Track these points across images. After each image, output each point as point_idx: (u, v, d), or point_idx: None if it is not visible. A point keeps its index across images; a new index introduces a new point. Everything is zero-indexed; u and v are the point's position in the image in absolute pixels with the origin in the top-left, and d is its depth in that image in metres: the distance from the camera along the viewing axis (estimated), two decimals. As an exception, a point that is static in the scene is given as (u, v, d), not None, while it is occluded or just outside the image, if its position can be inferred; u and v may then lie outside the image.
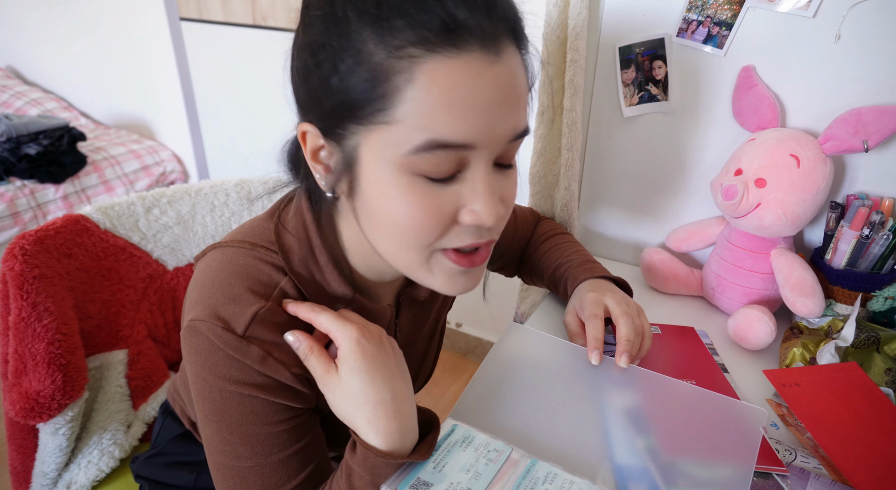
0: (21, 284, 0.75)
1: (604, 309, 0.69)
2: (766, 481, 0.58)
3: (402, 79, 0.41)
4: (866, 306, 0.81)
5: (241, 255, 0.53)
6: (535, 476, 0.53)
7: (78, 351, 0.80)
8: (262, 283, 0.52)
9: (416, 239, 0.47)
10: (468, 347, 1.97)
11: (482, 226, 0.47)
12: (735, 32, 0.86)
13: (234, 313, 0.49)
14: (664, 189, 1.03)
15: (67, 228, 0.81)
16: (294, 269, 0.54)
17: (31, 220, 1.88)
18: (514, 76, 0.45)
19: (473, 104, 0.42)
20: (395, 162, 0.44)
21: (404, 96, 0.41)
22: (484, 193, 0.46)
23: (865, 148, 0.79)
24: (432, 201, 0.45)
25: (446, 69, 0.41)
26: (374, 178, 0.46)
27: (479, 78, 0.42)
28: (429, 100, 0.41)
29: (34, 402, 0.75)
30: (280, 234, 0.55)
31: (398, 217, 0.46)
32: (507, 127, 0.45)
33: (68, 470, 0.84)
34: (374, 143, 0.44)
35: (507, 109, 0.44)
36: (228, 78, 2.01)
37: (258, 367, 0.49)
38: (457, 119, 0.42)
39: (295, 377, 0.51)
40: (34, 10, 2.38)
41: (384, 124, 0.43)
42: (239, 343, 0.49)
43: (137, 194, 0.90)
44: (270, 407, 0.51)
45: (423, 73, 0.40)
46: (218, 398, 0.50)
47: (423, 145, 0.42)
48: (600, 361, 0.66)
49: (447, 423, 0.59)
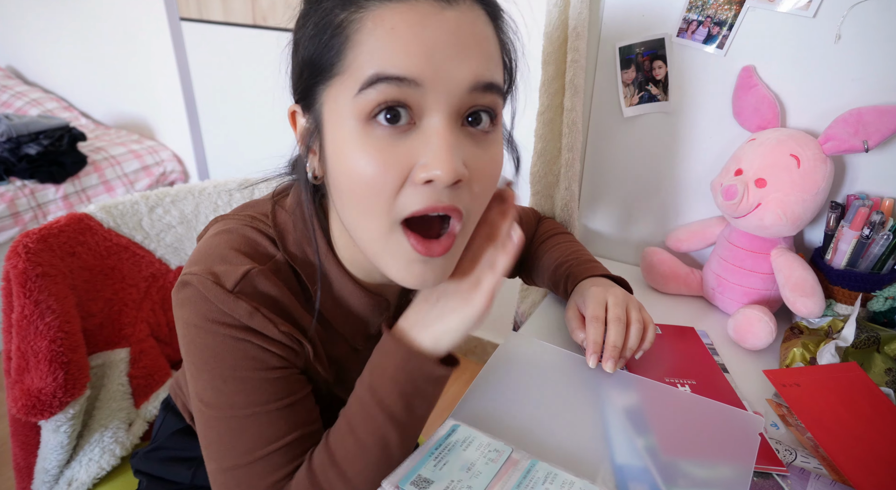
0: (24, 282, 0.75)
1: (605, 308, 0.70)
2: (766, 481, 0.58)
3: (352, 28, 0.43)
4: (866, 306, 0.81)
5: (238, 226, 0.55)
6: (535, 476, 0.53)
7: (80, 349, 0.81)
8: (259, 252, 0.54)
9: (373, 197, 0.45)
10: (468, 347, 1.97)
11: (437, 182, 0.44)
12: (735, 32, 0.86)
13: (225, 271, 0.50)
14: (664, 189, 1.03)
15: (71, 227, 0.82)
16: (288, 249, 0.55)
17: (31, 220, 1.88)
18: (470, 24, 0.44)
19: (416, 41, 0.42)
20: (349, 109, 0.45)
21: (353, 43, 0.44)
22: (437, 145, 0.43)
23: (865, 148, 0.79)
24: (387, 151, 0.44)
25: (391, 12, 0.43)
26: (334, 135, 0.46)
27: (425, 18, 0.43)
28: (373, 40, 0.43)
29: (36, 400, 0.76)
30: (277, 213, 0.57)
31: (355, 172, 0.45)
32: (463, 72, 0.44)
33: (70, 467, 0.84)
34: (332, 98, 0.46)
35: (458, 53, 0.43)
36: (228, 78, 2.01)
37: (246, 322, 0.50)
38: (398, 53, 0.42)
39: (283, 334, 0.52)
40: (34, 10, 2.38)
41: (339, 75, 0.45)
42: (227, 297, 0.49)
43: (141, 194, 0.90)
44: (264, 353, 0.51)
45: (370, 18, 0.43)
46: (211, 342, 0.50)
47: (366, 81, 0.43)
48: (596, 365, 0.67)
49: (448, 423, 0.59)
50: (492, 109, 0.47)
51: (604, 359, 0.67)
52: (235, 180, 0.99)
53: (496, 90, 0.46)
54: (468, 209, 0.48)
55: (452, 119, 0.45)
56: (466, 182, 0.46)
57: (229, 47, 1.94)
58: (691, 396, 0.66)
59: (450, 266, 0.51)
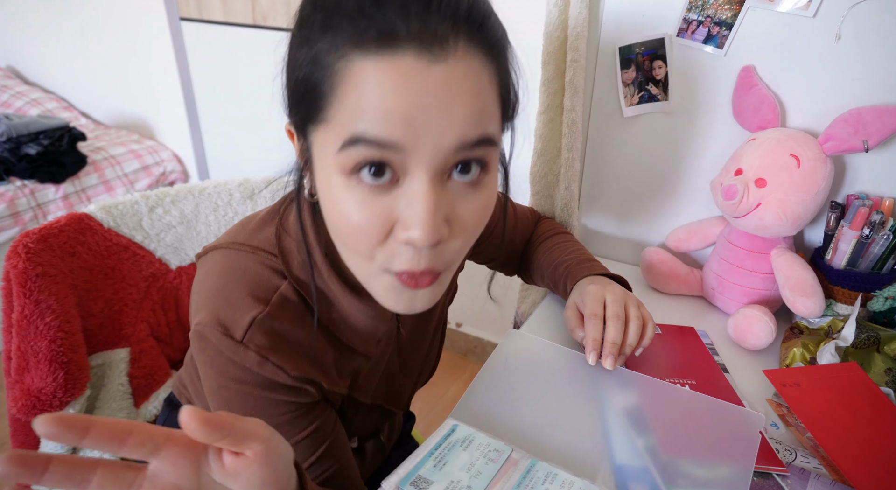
0: (24, 282, 0.75)
1: (603, 306, 0.70)
2: (766, 481, 0.58)
3: (337, 79, 0.42)
4: (866, 306, 0.81)
5: (242, 258, 0.54)
6: (535, 476, 0.53)
7: (80, 349, 0.81)
8: (262, 288, 0.53)
9: (358, 242, 0.46)
10: (468, 347, 1.97)
11: (414, 245, 0.43)
12: (735, 32, 0.86)
13: (233, 319, 0.51)
14: (664, 189, 1.03)
15: (71, 227, 0.82)
16: (293, 274, 0.54)
17: (31, 220, 1.88)
18: (461, 78, 0.41)
19: (398, 103, 0.40)
20: (332, 161, 0.44)
21: (337, 95, 0.42)
22: (418, 208, 0.42)
23: (865, 148, 0.79)
24: (370, 205, 0.43)
25: (373, 69, 0.40)
26: (321, 178, 0.46)
27: (409, 79, 0.40)
28: (354, 98, 0.41)
29: (36, 400, 0.76)
30: (281, 237, 0.56)
31: (339, 223, 0.46)
32: (447, 134, 0.41)
33: None
34: (320, 142, 0.45)
35: (443, 115, 0.41)
36: (228, 78, 2.01)
37: (257, 370, 0.51)
38: (378, 116, 0.41)
39: (294, 379, 0.53)
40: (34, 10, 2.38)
41: (323, 122, 0.44)
42: (237, 348, 0.50)
43: (141, 193, 0.90)
44: (271, 403, 0.53)
45: (353, 73, 0.41)
46: (225, 395, 0.53)
47: (346, 141, 0.42)
48: (597, 362, 0.67)
49: (448, 423, 0.59)
50: (482, 159, 0.45)
51: (603, 355, 0.67)
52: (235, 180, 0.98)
53: (486, 143, 0.44)
54: (449, 262, 0.48)
55: (436, 177, 0.43)
56: (447, 238, 0.46)
57: (229, 47, 1.94)
58: (691, 394, 0.66)
59: (438, 292, 0.51)
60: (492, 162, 0.47)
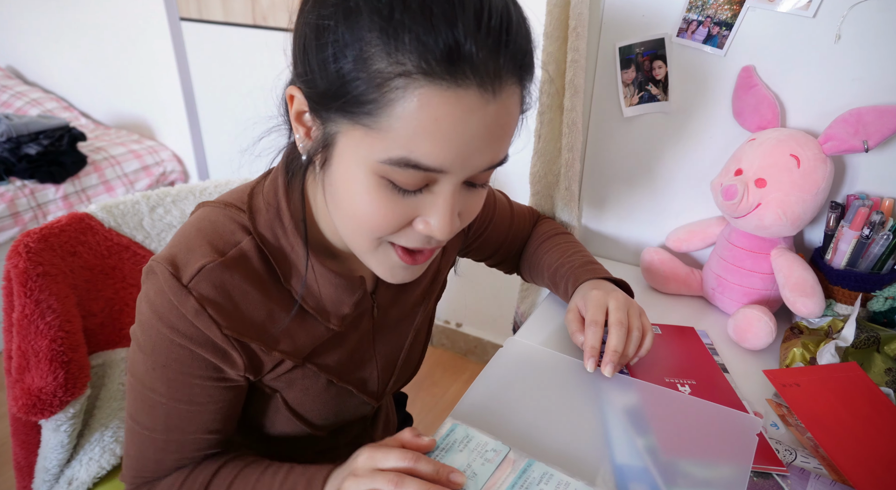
0: (25, 282, 0.75)
1: (605, 313, 0.70)
2: (766, 481, 0.58)
3: (395, 95, 0.41)
4: (866, 306, 0.81)
5: (213, 212, 0.57)
6: (530, 476, 0.53)
7: (80, 348, 0.81)
8: (223, 240, 0.55)
9: (369, 232, 0.50)
10: (468, 347, 1.97)
11: (433, 237, 0.50)
12: (735, 32, 0.86)
13: (185, 262, 0.53)
14: (664, 189, 1.03)
15: (72, 227, 0.82)
16: (258, 230, 0.56)
17: (31, 220, 1.88)
18: (507, 115, 0.45)
19: (456, 137, 0.43)
20: (367, 163, 0.45)
21: (393, 111, 0.42)
22: (443, 210, 0.48)
23: (865, 148, 0.79)
24: (393, 207, 0.47)
25: (439, 99, 0.41)
26: (345, 169, 0.47)
27: (470, 114, 0.42)
28: (414, 122, 0.42)
29: (36, 399, 0.76)
30: (254, 195, 0.58)
31: (357, 210, 0.48)
32: (485, 159, 0.46)
33: (70, 466, 0.84)
34: (352, 139, 0.45)
35: (488, 145, 0.45)
36: (228, 78, 2.01)
37: (192, 319, 0.51)
38: (436, 147, 0.43)
39: (226, 338, 0.53)
40: (34, 10, 2.38)
41: (367, 127, 0.44)
42: (179, 290, 0.51)
43: (142, 193, 0.90)
44: (195, 359, 0.54)
45: (416, 96, 0.41)
46: (153, 336, 0.53)
47: (396, 160, 0.44)
48: (595, 369, 0.67)
49: (447, 423, 0.59)
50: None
51: (603, 363, 0.67)
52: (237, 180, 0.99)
53: (504, 161, 0.49)
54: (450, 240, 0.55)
55: (459, 186, 0.48)
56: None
57: (229, 47, 1.94)
58: (690, 398, 0.67)
59: (426, 266, 0.57)
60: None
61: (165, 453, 0.59)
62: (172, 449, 0.58)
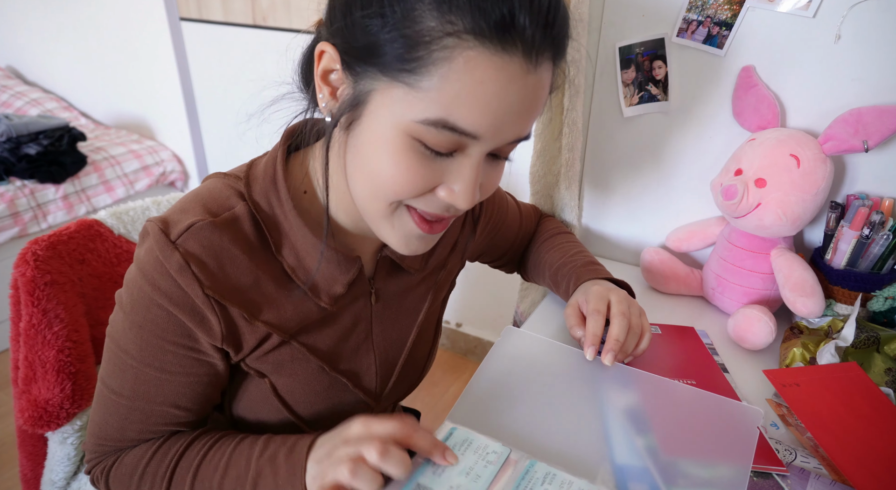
0: (32, 290, 0.74)
1: (607, 305, 0.70)
2: (766, 481, 0.58)
3: (443, 54, 0.42)
4: (866, 306, 0.81)
5: (216, 181, 0.58)
6: (533, 476, 0.53)
7: (88, 359, 0.80)
8: (217, 204, 0.55)
9: (390, 195, 0.49)
10: (468, 347, 1.97)
11: (455, 205, 0.50)
12: (735, 32, 0.86)
13: (176, 220, 0.53)
14: (664, 189, 1.03)
15: (81, 234, 0.80)
16: (252, 197, 0.56)
17: (31, 221, 1.88)
18: (542, 88, 0.47)
19: (496, 104, 0.44)
20: (402, 123, 0.45)
21: (438, 71, 0.43)
22: (468, 180, 0.48)
23: (865, 148, 0.79)
24: (419, 170, 0.47)
25: (486, 63, 0.42)
26: (375, 128, 0.47)
27: (511, 82, 0.44)
28: (458, 84, 0.43)
29: (42, 411, 0.75)
30: (254, 165, 0.59)
31: (383, 172, 0.48)
32: (515, 130, 0.47)
33: (76, 479, 0.83)
34: (389, 98, 0.45)
35: (521, 117, 0.46)
36: (228, 78, 2.01)
37: (175, 275, 0.51)
38: (475, 111, 0.44)
39: (206, 298, 0.53)
40: (34, 10, 2.38)
41: (407, 85, 0.44)
42: (166, 245, 0.51)
43: (152, 199, 0.88)
44: (171, 321, 0.53)
45: (463, 58, 0.42)
46: (134, 293, 0.54)
47: (434, 121, 0.44)
48: (594, 357, 0.67)
49: (445, 426, 0.58)
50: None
51: (604, 351, 0.66)
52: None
53: (527, 138, 0.50)
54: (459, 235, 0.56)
55: (485, 155, 0.49)
56: None
57: (229, 47, 1.94)
58: (690, 389, 0.66)
59: (438, 237, 0.57)
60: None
61: (128, 422, 0.58)
62: (136, 418, 0.58)
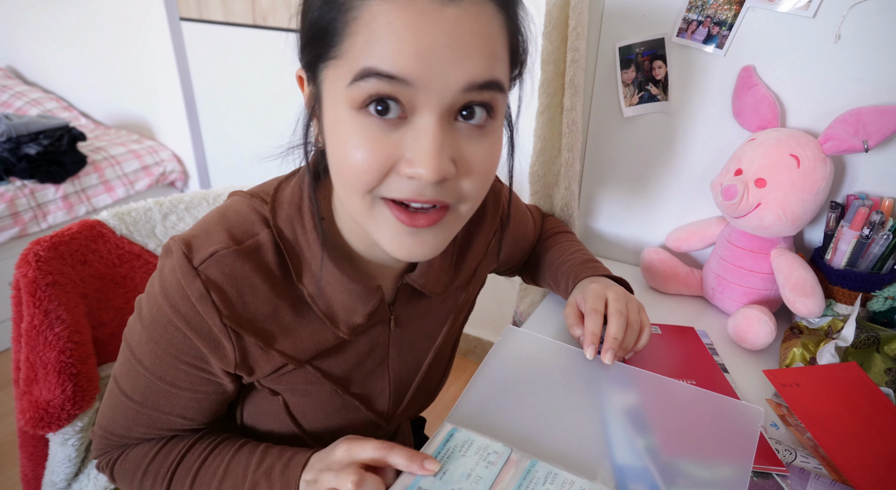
0: (34, 291, 0.74)
1: (605, 303, 0.70)
2: (766, 481, 0.58)
3: (351, 16, 0.43)
4: (866, 306, 0.81)
5: (240, 202, 0.57)
6: (535, 476, 0.53)
7: (89, 360, 0.79)
8: (242, 230, 0.55)
9: (356, 181, 0.47)
10: (468, 347, 1.97)
11: (420, 179, 0.45)
12: (735, 32, 0.86)
13: (200, 245, 0.53)
14: (664, 189, 1.03)
15: (83, 234, 0.80)
16: (277, 224, 0.55)
17: (31, 221, 1.88)
18: (472, 21, 0.43)
19: (411, 41, 0.42)
20: (342, 96, 0.45)
21: (350, 31, 0.43)
22: (425, 145, 0.44)
23: (865, 148, 0.79)
24: (376, 141, 0.45)
25: (389, 6, 0.42)
26: (330, 115, 0.48)
27: (422, 16, 0.42)
28: (367, 33, 0.43)
29: (44, 412, 0.74)
30: (281, 189, 0.58)
31: (343, 159, 0.47)
32: (457, 73, 0.43)
33: (77, 480, 0.83)
34: (329, 79, 0.47)
35: (453, 54, 0.43)
36: (228, 78, 2.01)
37: (195, 302, 0.51)
38: (391, 51, 0.42)
39: (224, 327, 0.53)
40: (34, 10, 2.38)
41: (335, 59, 0.45)
42: (188, 271, 0.51)
43: (155, 200, 0.88)
44: (186, 344, 0.54)
45: (368, 9, 0.42)
46: (154, 310, 0.54)
47: (358, 74, 0.43)
48: (594, 357, 0.66)
49: (445, 428, 0.58)
50: (488, 104, 0.46)
51: (603, 350, 0.66)
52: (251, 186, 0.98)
53: (494, 87, 0.46)
54: (458, 200, 0.49)
55: (444, 116, 0.45)
56: (454, 178, 0.47)
57: (229, 47, 1.94)
58: (691, 389, 0.66)
59: (442, 240, 0.51)
60: (498, 108, 0.48)
61: (135, 423, 0.60)
62: (143, 421, 0.59)
